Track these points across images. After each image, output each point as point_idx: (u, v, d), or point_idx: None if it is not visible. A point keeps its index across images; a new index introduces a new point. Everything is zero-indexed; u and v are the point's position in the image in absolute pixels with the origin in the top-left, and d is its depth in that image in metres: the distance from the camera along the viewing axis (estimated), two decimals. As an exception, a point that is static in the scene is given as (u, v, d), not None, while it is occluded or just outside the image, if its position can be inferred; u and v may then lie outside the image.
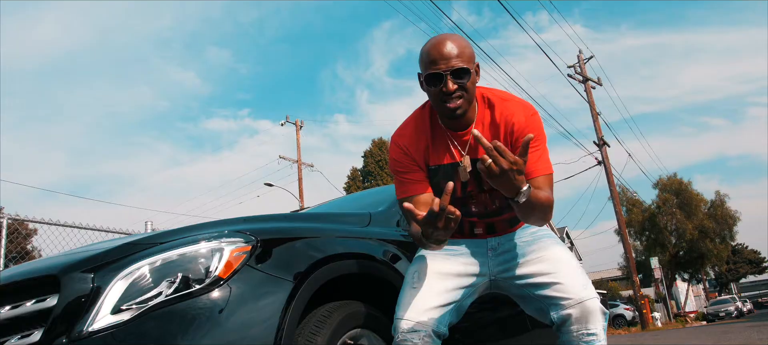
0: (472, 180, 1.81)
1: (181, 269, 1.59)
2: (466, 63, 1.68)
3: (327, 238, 2.01)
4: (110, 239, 2.27)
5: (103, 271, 1.57)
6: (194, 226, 1.83)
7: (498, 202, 1.85)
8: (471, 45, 1.76)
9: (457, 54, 1.67)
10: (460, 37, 1.75)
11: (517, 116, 1.76)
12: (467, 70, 1.68)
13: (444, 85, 1.67)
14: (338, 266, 1.91)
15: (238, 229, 1.77)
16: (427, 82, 1.71)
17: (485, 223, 1.89)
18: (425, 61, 1.71)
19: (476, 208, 1.86)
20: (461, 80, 1.68)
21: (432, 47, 1.70)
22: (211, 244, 1.67)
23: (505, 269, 1.82)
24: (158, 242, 1.68)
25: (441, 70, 1.67)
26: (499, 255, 1.86)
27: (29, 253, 9.38)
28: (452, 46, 1.69)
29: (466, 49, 1.71)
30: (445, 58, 1.67)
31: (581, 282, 1.66)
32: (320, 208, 3.50)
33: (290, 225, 2.04)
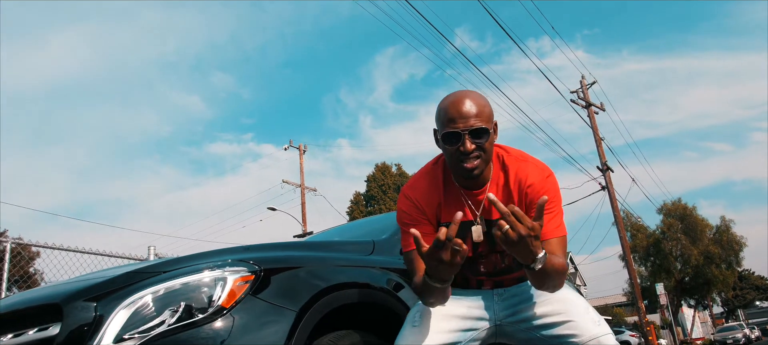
0: (485, 241, 1.75)
1: (184, 298, 1.59)
2: (485, 123, 1.64)
3: (330, 266, 2.00)
4: (113, 267, 2.27)
5: (106, 300, 1.56)
6: (197, 254, 1.83)
7: (507, 261, 1.80)
8: (490, 103, 1.72)
9: (476, 113, 1.63)
10: (479, 95, 1.70)
11: (532, 178, 1.72)
12: (486, 130, 1.64)
13: (461, 144, 1.63)
14: (341, 295, 1.90)
15: (242, 258, 1.76)
16: (444, 140, 1.67)
17: (493, 280, 1.84)
18: (443, 119, 1.66)
19: (485, 267, 1.82)
20: (479, 140, 1.63)
21: (450, 104, 1.66)
22: (215, 273, 1.67)
23: (511, 313, 1.76)
24: (162, 271, 1.68)
25: (459, 129, 1.62)
26: (505, 299, 1.80)
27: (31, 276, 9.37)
28: (471, 104, 1.64)
29: (486, 107, 1.67)
30: (463, 116, 1.62)
31: (593, 318, 1.60)
32: (323, 236, 3.49)
33: (293, 254, 2.03)
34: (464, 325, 1.74)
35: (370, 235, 2.59)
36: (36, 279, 11.12)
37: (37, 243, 6.23)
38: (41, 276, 11.93)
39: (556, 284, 1.61)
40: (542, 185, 1.71)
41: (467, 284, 1.87)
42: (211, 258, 1.76)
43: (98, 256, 6.39)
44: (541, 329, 1.67)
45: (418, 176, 1.86)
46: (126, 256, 6.59)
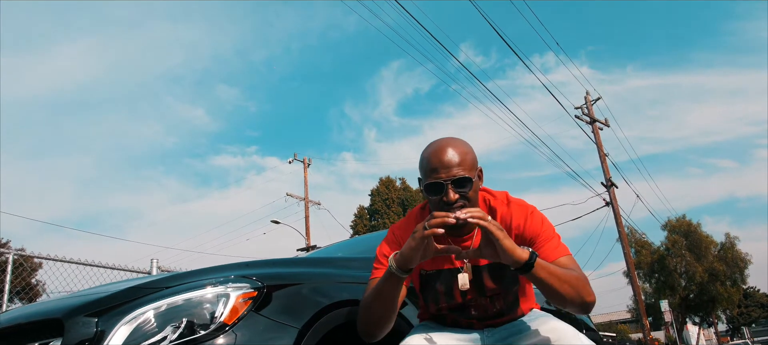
0: (473, 287, 1.74)
1: (186, 314, 1.58)
2: (468, 171, 1.63)
3: (333, 283, 2.00)
4: (115, 282, 2.26)
5: (108, 315, 1.55)
6: (200, 270, 1.82)
7: (498, 306, 1.79)
8: (473, 150, 1.72)
9: (458, 162, 1.62)
10: (461, 143, 1.70)
11: (517, 219, 1.73)
12: (469, 179, 1.63)
13: (445, 194, 1.61)
14: (345, 312, 1.89)
15: (244, 274, 1.76)
16: (428, 191, 1.66)
17: (483, 324, 1.82)
18: (425, 169, 1.67)
19: (476, 311, 1.80)
20: (463, 189, 1.62)
21: (432, 154, 1.66)
22: (217, 289, 1.66)
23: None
24: (164, 286, 1.67)
25: (442, 179, 1.61)
26: (495, 333, 1.78)
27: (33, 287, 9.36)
28: (454, 153, 1.63)
29: (468, 155, 1.66)
30: (445, 166, 1.62)
31: (583, 341, 1.56)
32: (327, 251, 3.48)
33: (296, 270, 2.02)
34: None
35: (374, 251, 2.57)
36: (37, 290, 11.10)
37: (39, 255, 6.23)
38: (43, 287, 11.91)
39: (578, 293, 1.57)
40: (526, 225, 1.72)
41: (457, 325, 1.84)
42: (214, 274, 1.75)
43: (100, 269, 6.38)
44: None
45: (407, 218, 1.87)
46: (128, 269, 6.59)
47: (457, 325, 1.84)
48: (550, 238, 1.70)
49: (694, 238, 30.06)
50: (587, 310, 1.62)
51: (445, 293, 1.79)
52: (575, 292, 1.56)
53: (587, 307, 1.60)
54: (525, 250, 1.49)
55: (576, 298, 1.57)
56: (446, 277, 1.78)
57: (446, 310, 1.83)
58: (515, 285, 1.78)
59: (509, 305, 1.81)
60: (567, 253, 1.68)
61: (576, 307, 1.59)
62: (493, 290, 1.76)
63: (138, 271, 6.65)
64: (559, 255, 1.65)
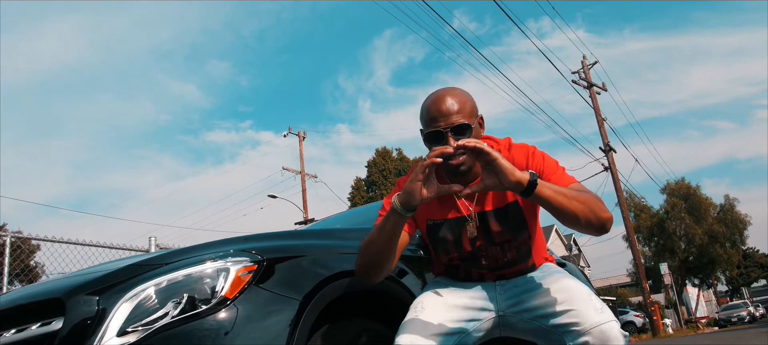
0: (481, 235, 1.77)
1: (186, 290, 1.59)
2: (467, 118, 1.67)
3: (333, 255, 2.01)
4: (115, 260, 2.27)
5: (109, 293, 1.57)
6: (199, 245, 1.83)
7: (509, 255, 1.81)
8: (473, 98, 1.75)
9: (457, 110, 1.66)
10: (460, 91, 1.73)
11: (519, 161, 1.75)
12: (468, 126, 1.66)
13: (445, 142, 1.64)
14: (345, 284, 1.91)
15: (244, 248, 1.76)
16: (428, 140, 1.69)
17: (495, 274, 1.84)
18: (425, 118, 1.70)
19: (486, 261, 1.82)
20: (463, 136, 1.65)
21: (431, 104, 1.69)
22: (217, 263, 1.67)
23: (514, 303, 1.75)
24: (164, 263, 1.68)
25: (441, 127, 1.65)
26: (508, 290, 1.80)
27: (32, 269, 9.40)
28: (452, 101, 1.66)
29: (467, 103, 1.70)
30: (444, 114, 1.65)
31: (596, 307, 1.57)
32: (325, 223, 3.49)
33: (296, 242, 2.03)
34: (467, 315, 1.73)
35: (373, 222, 2.58)
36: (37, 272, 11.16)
37: (37, 236, 6.25)
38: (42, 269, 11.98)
39: (590, 209, 1.57)
40: (529, 164, 1.74)
41: (469, 278, 1.87)
42: (214, 248, 1.76)
43: (99, 248, 6.41)
44: (543, 319, 1.65)
45: (412, 170, 1.87)
46: (127, 248, 6.62)
47: (469, 278, 1.87)
48: (554, 170, 1.73)
49: (694, 201, 30.20)
50: (604, 229, 1.61)
51: (454, 242, 1.81)
52: (588, 208, 1.57)
53: (603, 224, 1.60)
54: (525, 172, 1.52)
55: (590, 214, 1.57)
56: (453, 225, 1.80)
57: (458, 261, 1.85)
58: (524, 231, 1.80)
59: (521, 255, 1.83)
60: (575, 181, 1.71)
61: (592, 226, 1.59)
62: (502, 235, 1.78)
63: (136, 250, 6.68)
64: (566, 183, 1.68)
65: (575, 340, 1.54)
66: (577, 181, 1.72)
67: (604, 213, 1.60)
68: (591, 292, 1.65)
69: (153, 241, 6.17)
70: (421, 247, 2.44)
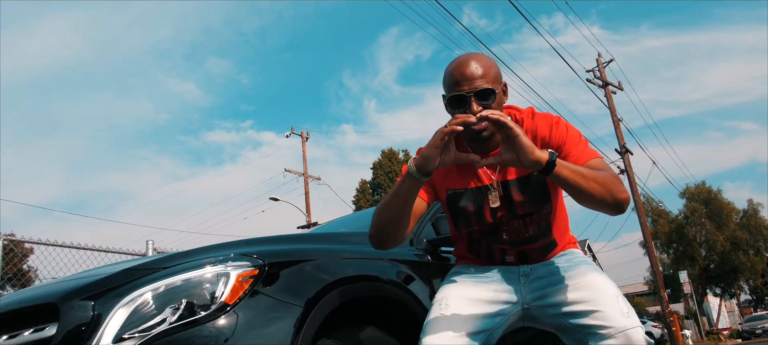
0: (504, 205, 1.78)
1: (185, 295, 1.60)
2: (492, 83, 1.68)
3: (337, 259, 2.01)
4: (111, 264, 2.28)
5: (104, 298, 1.57)
6: (199, 249, 1.83)
7: (532, 230, 1.82)
8: (497, 64, 1.76)
9: (481, 74, 1.67)
10: (485, 57, 1.75)
11: (542, 129, 1.77)
12: (492, 91, 1.67)
13: (468, 107, 1.66)
14: (349, 289, 1.91)
15: (245, 252, 1.77)
16: (451, 104, 1.71)
17: (517, 251, 1.85)
18: (448, 83, 1.72)
19: (508, 235, 1.83)
20: (486, 102, 1.66)
21: (455, 68, 1.71)
22: (217, 268, 1.67)
23: (539, 297, 1.76)
24: (161, 267, 1.69)
25: (464, 91, 1.66)
26: (532, 281, 1.80)
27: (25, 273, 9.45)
28: (476, 66, 1.68)
29: (492, 68, 1.71)
30: (468, 79, 1.66)
31: (622, 310, 1.58)
32: (329, 227, 3.50)
33: (298, 246, 2.04)
34: (492, 309, 1.74)
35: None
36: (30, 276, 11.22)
37: (30, 239, 6.28)
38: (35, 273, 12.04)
39: (608, 190, 1.59)
40: (552, 134, 1.76)
41: (491, 257, 1.88)
42: (213, 252, 1.77)
43: (94, 252, 6.43)
44: (568, 317, 1.66)
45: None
46: (123, 252, 6.64)
47: (491, 258, 1.88)
48: (577, 142, 1.74)
49: (715, 206, 30.04)
50: (621, 209, 1.64)
51: (475, 213, 1.82)
52: (605, 189, 1.59)
53: (620, 205, 1.62)
54: (545, 150, 1.53)
55: (606, 195, 1.59)
56: (475, 195, 1.81)
57: (478, 234, 1.86)
58: (547, 203, 1.81)
59: (542, 230, 1.84)
60: (597, 156, 1.72)
61: (608, 206, 1.61)
62: (524, 206, 1.79)
63: (133, 254, 6.70)
64: (588, 157, 1.70)
65: (599, 342, 1.56)
66: (599, 156, 1.73)
67: (622, 194, 1.62)
68: (618, 292, 1.66)
69: (150, 245, 6.19)
70: (429, 252, 2.45)
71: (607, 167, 1.68)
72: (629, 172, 18.98)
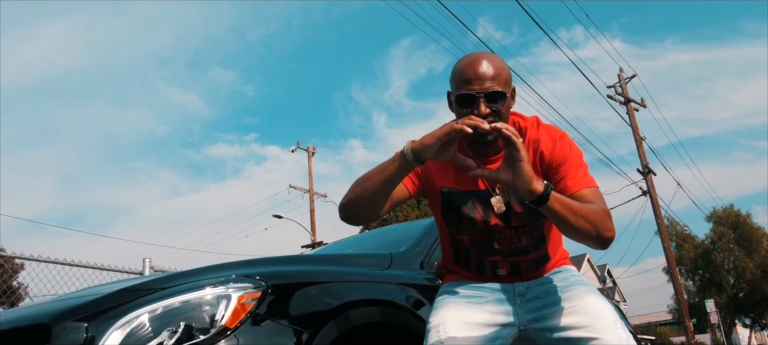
0: (500, 214, 1.80)
1: (183, 318, 1.59)
2: (503, 86, 1.69)
3: (344, 282, 2.01)
4: (106, 283, 2.29)
5: (99, 320, 1.57)
6: (198, 269, 1.83)
7: (524, 240, 1.84)
8: (508, 67, 1.78)
9: (492, 75, 1.68)
10: (497, 58, 1.76)
11: (545, 143, 1.79)
12: (503, 94, 1.69)
13: (476, 107, 1.67)
14: (356, 314, 1.90)
15: (247, 273, 1.77)
16: (458, 103, 1.72)
17: (509, 262, 1.87)
18: (458, 80, 1.72)
19: (499, 245, 1.85)
20: (495, 105, 1.68)
21: (466, 65, 1.71)
22: (217, 289, 1.67)
23: (535, 318, 1.77)
24: (159, 288, 1.69)
25: (474, 91, 1.67)
26: (529, 301, 1.82)
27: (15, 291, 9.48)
28: (489, 66, 1.69)
29: (504, 70, 1.73)
30: (479, 78, 1.67)
31: (621, 336, 1.59)
32: (335, 248, 3.50)
33: (303, 268, 2.04)
34: (490, 331, 1.75)
35: (387, 247, 2.59)
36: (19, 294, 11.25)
37: (21, 255, 6.30)
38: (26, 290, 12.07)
39: (595, 228, 1.61)
40: (555, 149, 1.78)
41: (482, 270, 1.89)
42: (214, 273, 1.77)
43: (88, 270, 6.44)
44: (565, 342, 1.67)
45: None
46: (119, 270, 6.65)
47: (482, 271, 1.88)
48: (577, 166, 1.76)
49: (744, 231, 29.78)
50: (605, 245, 1.66)
51: (468, 218, 1.83)
52: (592, 227, 1.61)
53: (604, 241, 1.65)
54: (541, 181, 1.54)
55: (592, 232, 1.61)
56: (472, 199, 1.83)
57: (468, 244, 1.88)
58: (542, 218, 1.82)
59: (535, 241, 1.86)
60: (592, 185, 1.73)
61: (593, 241, 1.64)
62: (520, 218, 1.81)
63: (129, 272, 6.71)
64: (583, 186, 1.71)
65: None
66: (595, 185, 1.75)
67: (608, 232, 1.64)
68: (616, 317, 1.67)
69: (147, 263, 6.19)
70: (440, 277, 2.43)
71: (599, 199, 1.70)
72: (652, 193, 18.87)
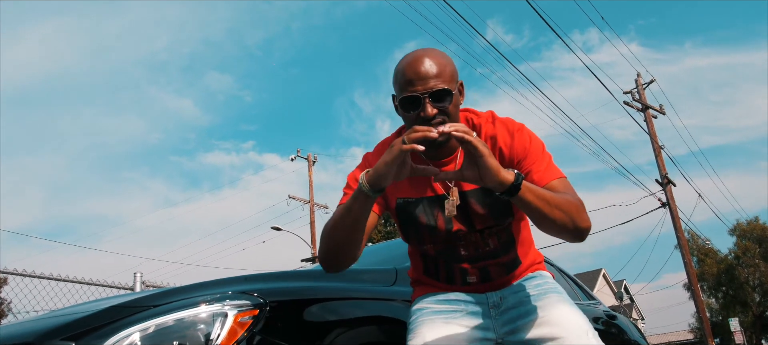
0: (462, 218, 1.79)
1: (177, 337, 1.59)
2: (448, 83, 1.68)
3: (346, 299, 2.01)
4: (95, 300, 2.28)
5: (87, 339, 1.57)
6: (193, 285, 1.84)
7: (492, 243, 1.84)
8: (453, 61, 1.77)
9: (436, 73, 1.66)
10: (440, 53, 1.75)
11: (502, 138, 1.78)
12: (448, 91, 1.67)
13: (422, 109, 1.65)
14: (359, 333, 1.91)
15: (244, 289, 1.77)
16: (402, 106, 1.70)
17: (478, 268, 1.87)
18: (400, 82, 1.71)
19: (466, 250, 1.84)
20: (442, 104, 1.67)
21: (407, 65, 1.70)
22: (213, 307, 1.67)
23: (511, 330, 1.79)
24: (151, 305, 1.69)
25: (418, 92, 1.65)
26: (504, 313, 1.82)
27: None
28: (431, 63, 1.67)
29: (448, 66, 1.71)
30: (422, 78, 1.66)
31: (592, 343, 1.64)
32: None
33: (304, 284, 2.04)
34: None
35: (392, 262, 2.59)
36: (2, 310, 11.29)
37: (4, 269, 6.31)
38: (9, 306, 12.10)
39: (570, 219, 1.61)
40: (513, 142, 1.77)
41: (451, 278, 1.89)
42: (209, 289, 1.77)
43: (76, 285, 6.45)
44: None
45: (381, 144, 1.91)
46: (108, 285, 6.65)
47: (452, 280, 1.89)
48: (540, 157, 1.76)
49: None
50: (581, 237, 1.67)
51: (428, 226, 1.82)
52: (568, 217, 1.61)
53: (581, 233, 1.66)
54: (510, 171, 1.54)
55: (568, 223, 1.62)
56: (429, 205, 1.81)
57: (433, 252, 1.87)
58: (508, 217, 1.82)
59: (504, 244, 1.86)
60: (560, 176, 1.74)
61: (569, 233, 1.65)
62: (484, 220, 1.80)
63: (119, 287, 6.71)
64: (551, 177, 1.71)
65: None
66: (563, 176, 1.75)
67: (583, 222, 1.65)
68: (588, 326, 1.71)
69: (139, 278, 6.20)
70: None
71: (570, 190, 1.71)
72: (672, 205, 18.83)
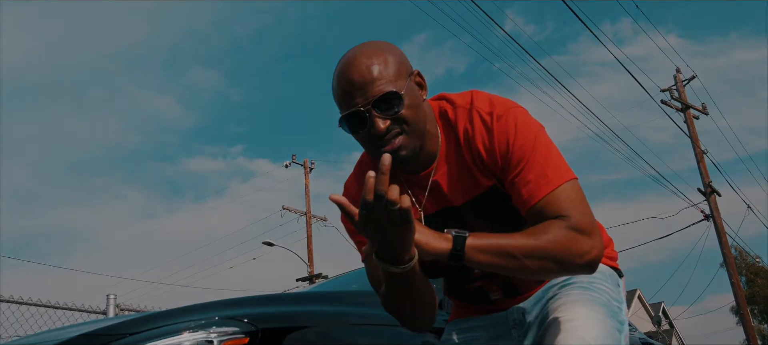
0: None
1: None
2: (393, 82, 1.47)
3: (346, 325, 2.02)
4: (64, 327, 2.30)
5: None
6: (176, 310, 1.85)
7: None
8: (398, 51, 1.57)
9: (376, 75, 1.46)
10: (376, 46, 1.54)
11: (480, 137, 1.55)
12: (395, 93, 1.45)
13: (370, 126, 1.46)
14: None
15: (233, 315, 1.78)
16: (349, 127, 1.51)
17: (497, 283, 1.74)
18: (337, 98, 1.53)
19: (477, 268, 1.63)
20: (392, 111, 1.45)
21: (339, 76, 1.52)
22: (197, 335, 1.68)
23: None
24: (127, 333, 1.70)
25: (358, 105, 1.46)
26: (527, 331, 1.73)
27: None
28: (367, 64, 1.47)
29: (389, 60, 1.50)
30: (359, 87, 1.46)
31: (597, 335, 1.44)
32: (336, 283, 3.51)
33: (299, 309, 2.05)
34: None
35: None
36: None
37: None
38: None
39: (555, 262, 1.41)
40: (492, 141, 1.53)
41: (473, 298, 1.83)
42: (193, 315, 1.78)
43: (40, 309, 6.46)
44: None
45: (355, 167, 1.78)
46: (78, 308, 6.67)
47: (471, 296, 1.82)
48: (529, 160, 1.50)
49: (828, 262, 29.62)
50: (585, 272, 1.48)
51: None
52: (549, 263, 1.42)
53: (581, 269, 1.47)
54: (447, 237, 1.37)
55: (553, 268, 1.44)
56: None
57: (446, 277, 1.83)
58: (514, 217, 1.57)
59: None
60: (561, 182, 1.48)
61: (562, 274, 1.54)
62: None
63: (91, 311, 6.73)
64: (545, 189, 1.47)
65: None
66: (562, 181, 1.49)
67: (580, 258, 1.43)
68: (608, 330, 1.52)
69: (112, 301, 6.21)
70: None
71: (571, 201, 1.46)
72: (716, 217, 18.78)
